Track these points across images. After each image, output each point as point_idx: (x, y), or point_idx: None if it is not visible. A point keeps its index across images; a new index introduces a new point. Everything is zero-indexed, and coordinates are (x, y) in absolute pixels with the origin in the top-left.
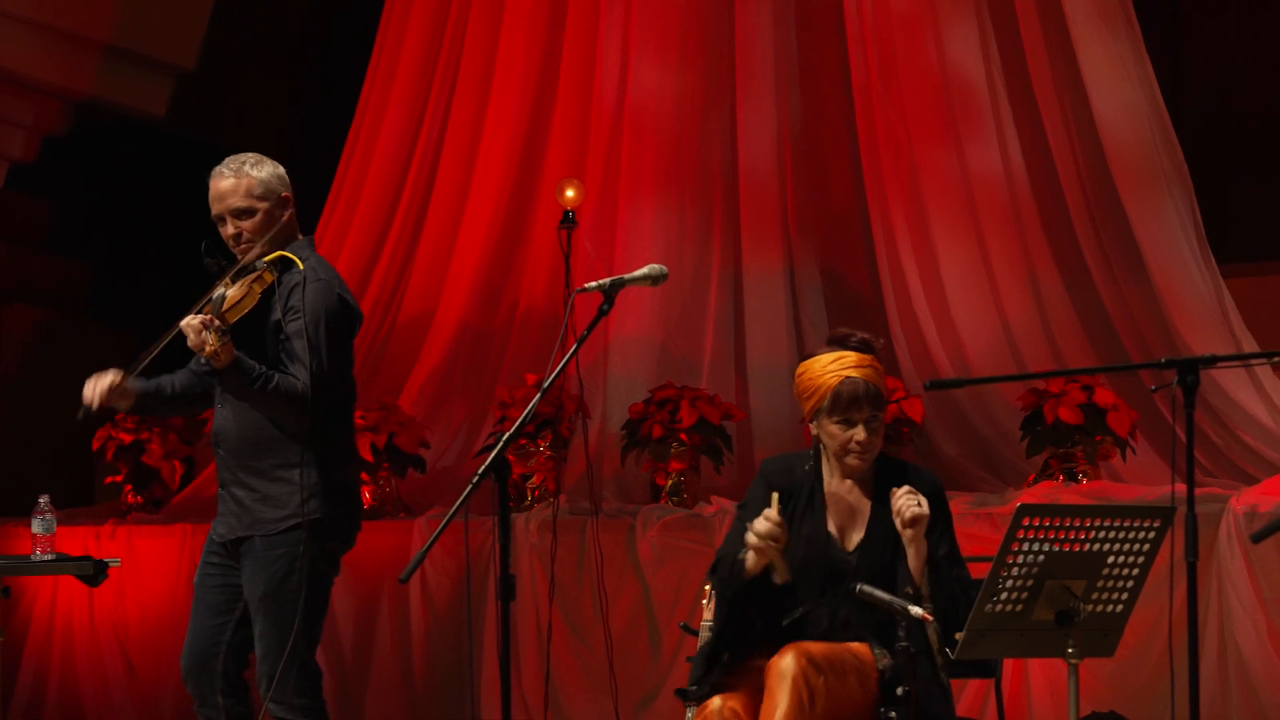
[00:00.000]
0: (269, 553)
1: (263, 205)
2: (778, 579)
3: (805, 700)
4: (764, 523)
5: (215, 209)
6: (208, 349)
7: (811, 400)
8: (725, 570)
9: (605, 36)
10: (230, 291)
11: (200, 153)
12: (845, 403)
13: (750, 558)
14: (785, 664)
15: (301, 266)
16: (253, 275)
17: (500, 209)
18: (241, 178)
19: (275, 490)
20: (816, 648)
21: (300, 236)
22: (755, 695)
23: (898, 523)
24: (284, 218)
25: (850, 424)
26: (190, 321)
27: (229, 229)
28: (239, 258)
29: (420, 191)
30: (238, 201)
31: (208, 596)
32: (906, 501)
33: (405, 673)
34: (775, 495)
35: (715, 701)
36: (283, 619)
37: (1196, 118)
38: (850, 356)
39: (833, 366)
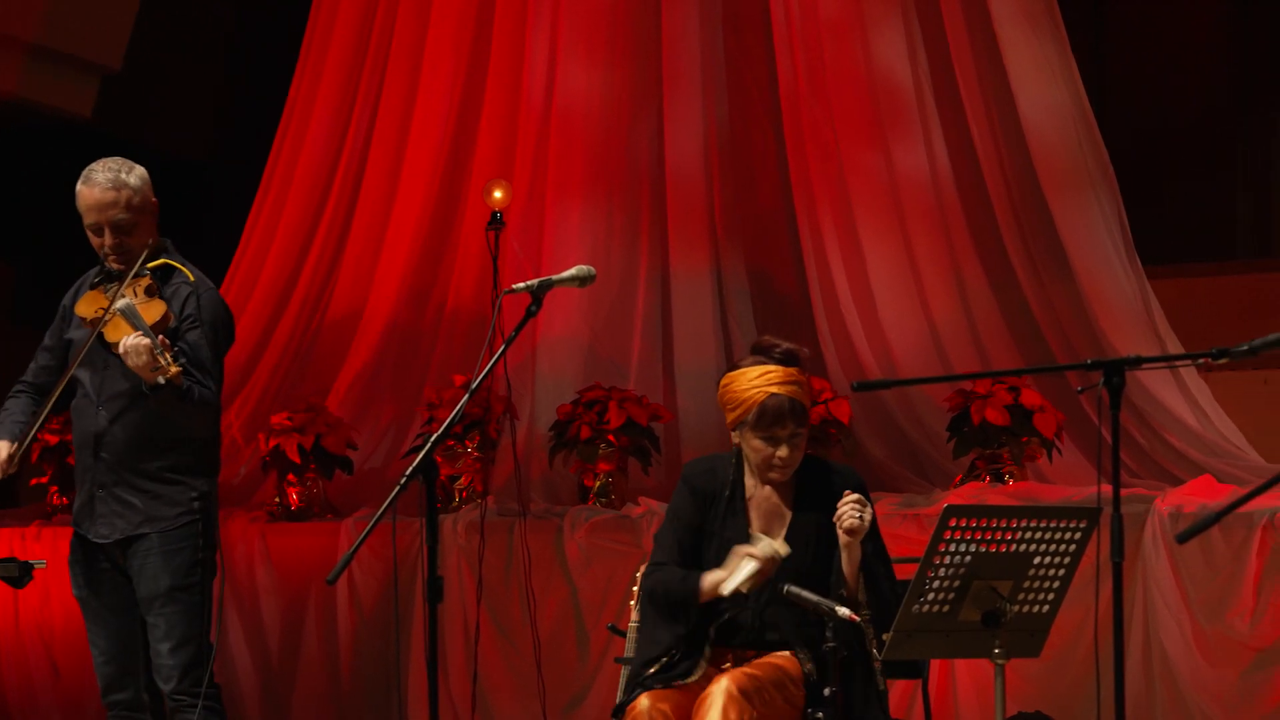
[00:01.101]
0: (169, 547)
1: (142, 215)
2: (725, 589)
3: None
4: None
5: (92, 219)
6: (171, 371)
7: (736, 412)
8: (678, 596)
9: (533, 37)
10: (139, 304)
11: (127, 154)
12: (770, 419)
13: (709, 584)
14: (713, 704)
15: (189, 274)
16: (141, 284)
17: (428, 209)
18: (121, 189)
19: (167, 490)
20: (742, 678)
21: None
22: (684, 696)
23: (838, 528)
24: (154, 223)
25: (774, 441)
26: (139, 343)
27: (107, 240)
28: (113, 267)
29: (348, 191)
30: (119, 214)
31: (106, 600)
32: (850, 510)
33: (332, 674)
34: (767, 541)
35: (643, 701)
36: (191, 610)
37: (1122, 120)
38: (777, 371)
39: (759, 381)
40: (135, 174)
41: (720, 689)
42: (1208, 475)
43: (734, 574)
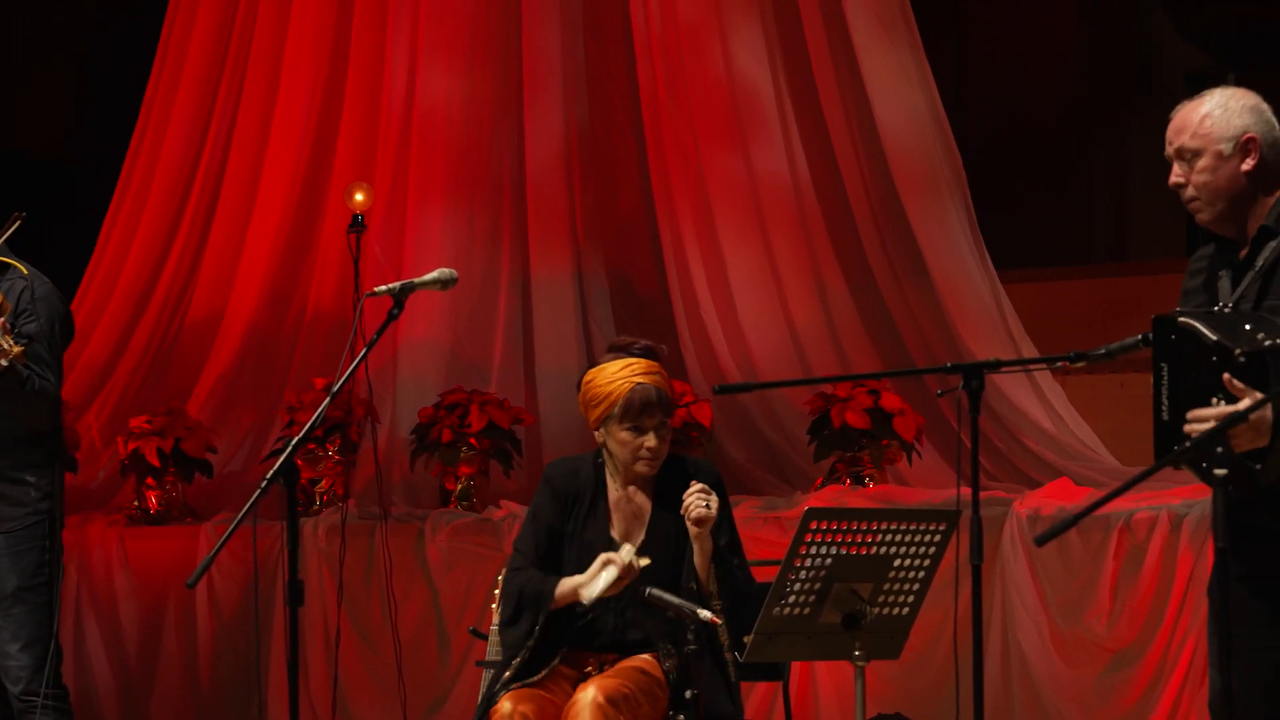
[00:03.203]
0: (17, 547)
1: None
2: (585, 597)
3: None
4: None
5: None
6: (14, 351)
7: (600, 408)
8: (533, 599)
9: (394, 40)
10: None
11: None
12: (637, 409)
13: (568, 589)
14: (580, 714)
15: (22, 269)
16: None
17: (289, 212)
18: None
19: (12, 490)
20: (610, 687)
21: None
22: (547, 700)
23: (687, 519)
24: None
25: (641, 431)
26: None
27: None
28: None
29: (208, 194)
30: None
31: None
32: (695, 500)
33: (191, 678)
34: (629, 549)
35: (505, 705)
36: (39, 610)
37: (978, 125)
38: (640, 363)
39: (623, 373)
40: None
41: (588, 698)
42: (1065, 478)
43: (594, 581)
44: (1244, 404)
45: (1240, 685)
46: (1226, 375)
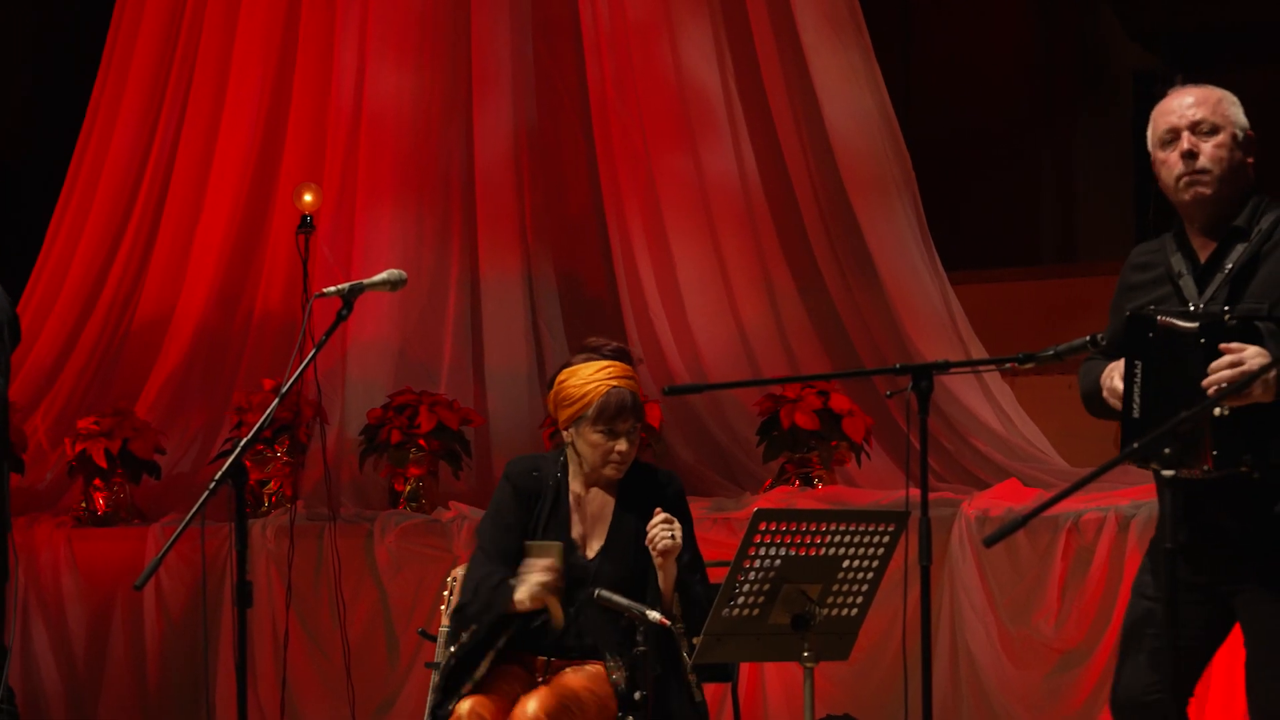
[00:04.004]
0: None
1: None
2: (557, 624)
3: None
4: (542, 576)
5: None
6: None
7: (574, 408)
8: (487, 596)
9: (342, 40)
10: None
11: None
12: (612, 413)
13: (525, 598)
14: None
15: None
16: None
17: (237, 212)
18: None
19: None
20: (548, 701)
21: None
22: (505, 697)
23: (652, 550)
24: None
25: (614, 434)
26: None
27: None
28: None
29: (155, 195)
30: None
31: None
32: (660, 531)
33: (139, 681)
34: (540, 545)
35: (465, 705)
36: None
37: (928, 126)
38: (615, 366)
39: (599, 376)
40: None
41: (529, 712)
42: (1013, 479)
43: (552, 613)
44: (1257, 361)
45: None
46: (1227, 345)
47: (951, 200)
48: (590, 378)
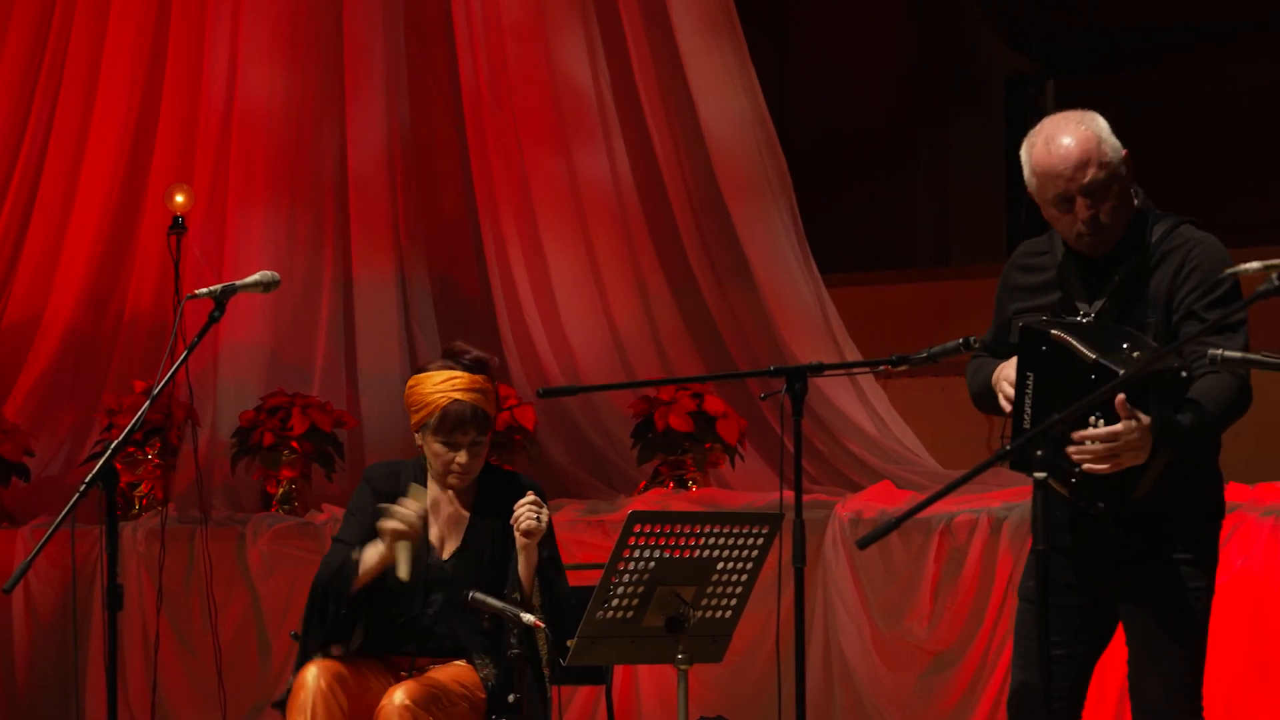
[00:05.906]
0: None
1: None
2: (401, 574)
3: None
4: (407, 509)
5: None
6: None
7: (419, 415)
8: (332, 573)
9: (213, 39)
10: None
11: None
12: (450, 425)
13: (370, 556)
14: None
15: None
16: None
17: (108, 213)
18: None
19: None
20: (415, 690)
21: None
22: (361, 677)
23: (515, 530)
24: None
25: (454, 446)
26: None
27: None
28: None
29: (24, 195)
30: None
31: None
32: (526, 512)
33: (7, 684)
34: (416, 487)
35: (311, 672)
36: None
37: (803, 130)
38: (462, 378)
39: (443, 386)
40: None
41: (395, 702)
42: (887, 481)
43: (399, 564)
44: (1120, 426)
45: (1046, 685)
46: (1120, 397)
47: (826, 203)
48: (435, 387)
